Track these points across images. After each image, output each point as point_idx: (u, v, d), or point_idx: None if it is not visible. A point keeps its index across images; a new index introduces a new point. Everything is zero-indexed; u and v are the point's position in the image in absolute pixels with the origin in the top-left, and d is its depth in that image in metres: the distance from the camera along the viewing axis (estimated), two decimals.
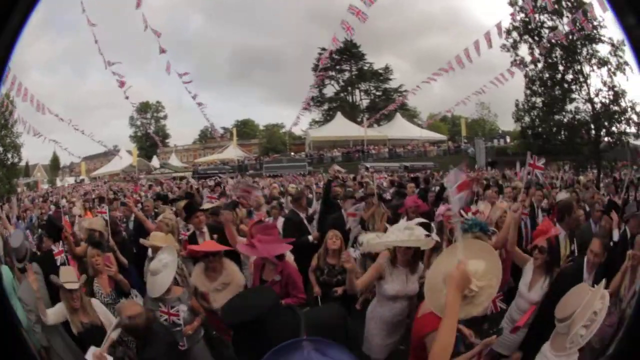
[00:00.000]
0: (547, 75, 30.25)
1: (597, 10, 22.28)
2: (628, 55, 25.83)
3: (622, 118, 27.51)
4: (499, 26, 23.83)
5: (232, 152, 44.47)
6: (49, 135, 27.79)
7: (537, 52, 29.46)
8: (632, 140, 28.18)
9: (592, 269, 5.21)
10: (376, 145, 43.14)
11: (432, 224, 6.40)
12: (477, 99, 37.00)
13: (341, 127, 44.90)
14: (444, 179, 17.20)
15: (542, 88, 30.63)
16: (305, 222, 9.85)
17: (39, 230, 12.06)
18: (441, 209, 7.61)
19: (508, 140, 42.89)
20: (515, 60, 30.06)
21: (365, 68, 52.91)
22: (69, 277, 6.03)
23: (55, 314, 6.02)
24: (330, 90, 53.37)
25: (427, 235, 5.52)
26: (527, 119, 31.75)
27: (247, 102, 60.22)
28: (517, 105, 31.81)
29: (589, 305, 3.39)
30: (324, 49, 31.95)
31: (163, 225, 8.38)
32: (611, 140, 28.13)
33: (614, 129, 27.96)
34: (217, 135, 43.82)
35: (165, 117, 52.32)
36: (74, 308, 5.82)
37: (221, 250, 6.61)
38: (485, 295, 3.70)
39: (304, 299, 6.52)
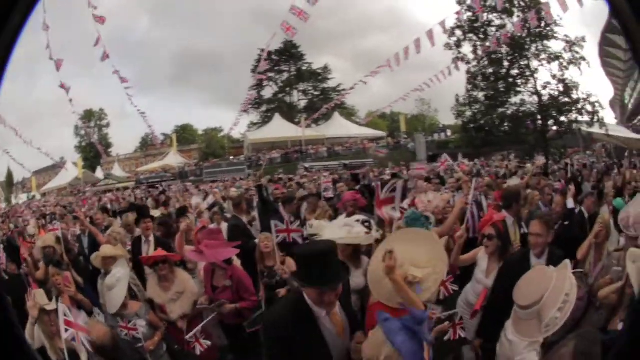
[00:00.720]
0: (490, 70, 31.44)
1: (557, 10, 22.85)
2: (585, 51, 27.68)
3: (574, 108, 28.90)
4: (442, 25, 24.23)
5: (173, 159, 44.39)
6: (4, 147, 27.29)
7: (480, 49, 30.30)
8: (584, 128, 29.88)
9: (540, 251, 5.26)
10: (315, 145, 43.45)
11: (372, 220, 6.40)
12: (418, 95, 37.80)
13: (279, 129, 45.02)
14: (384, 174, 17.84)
15: (485, 83, 31.69)
16: (248, 226, 9.85)
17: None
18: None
19: (449, 133, 44.13)
20: (457, 57, 30.94)
21: (304, 68, 53.32)
22: (43, 299, 5.58)
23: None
24: (269, 92, 53.47)
25: (367, 233, 5.54)
26: (468, 113, 32.98)
27: (187, 106, 59.97)
28: (457, 100, 33.21)
29: (558, 289, 3.42)
30: (263, 50, 31.79)
31: (112, 239, 8.27)
32: (560, 129, 30.12)
33: (563, 118, 29.45)
34: (157, 142, 43.51)
35: (108, 125, 51.61)
36: (52, 333, 5.31)
37: (170, 258, 6.56)
38: (432, 281, 3.97)
39: (256, 301, 6.58)
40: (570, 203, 7.81)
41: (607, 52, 57.27)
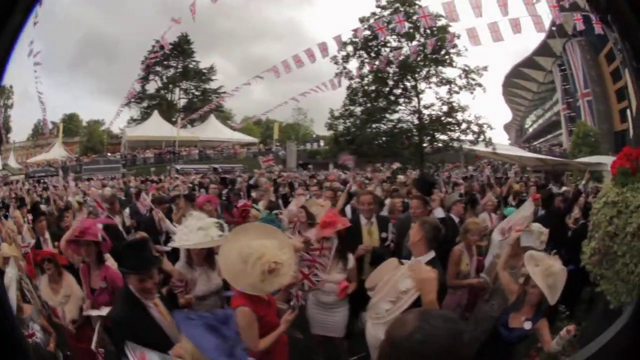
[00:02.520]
0: (372, 88, 32.51)
1: (467, 42, 24.06)
2: (483, 79, 29.32)
3: (457, 128, 31.20)
4: (338, 39, 24.72)
5: (57, 152, 42.02)
6: None
7: (367, 67, 31.18)
8: (467, 146, 32.47)
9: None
10: (188, 146, 42.96)
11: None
12: (295, 104, 38.36)
13: (156, 127, 44.23)
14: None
15: (365, 99, 32.65)
16: (120, 227, 9.57)
17: None
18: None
19: (322, 143, 44.52)
20: (341, 72, 31.88)
21: (191, 66, 52.22)
22: None
23: None
24: (153, 87, 52.07)
25: (220, 235, 5.51)
26: (341, 127, 34.01)
27: (76, 94, 56.04)
28: (331, 113, 33.96)
29: (392, 283, 3.62)
30: (157, 42, 31.09)
31: (7, 236, 7.91)
32: (436, 146, 32.59)
33: (444, 137, 31.77)
34: (46, 130, 40.86)
35: (12, 106, 47.49)
36: None
37: (56, 258, 6.30)
38: (287, 267, 4.22)
39: None
40: (439, 212, 8.26)
41: (515, 83, 61.62)
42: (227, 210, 8.66)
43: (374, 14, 31.41)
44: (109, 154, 43.17)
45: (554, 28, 41.30)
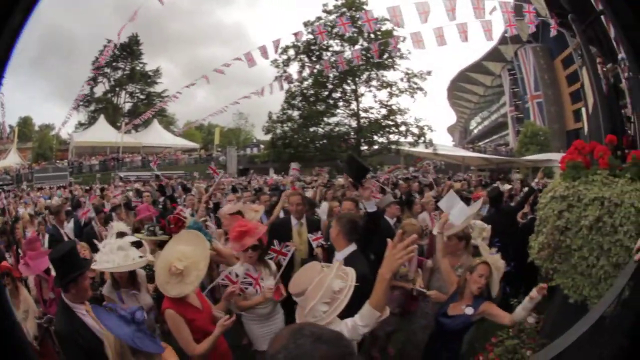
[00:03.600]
0: (312, 92, 33.06)
1: (410, 46, 24.08)
2: (429, 83, 29.69)
3: (396, 130, 30.91)
4: (277, 43, 24.59)
5: (12, 159, 40.83)
6: None
7: (308, 71, 31.16)
8: (406, 148, 33.12)
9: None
10: (131, 152, 42.40)
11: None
12: (237, 109, 38.32)
13: (102, 132, 43.43)
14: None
15: (303, 103, 32.99)
16: (66, 236, 9.40)
17: None
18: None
19: (263, 148, 44.82)
20: (282, 75, 31.87)
21: (138, 68, 52.04)
22: None
23: None
24: (102, 90, 51.68)
25: (141, 256, 5.41)
26: (279, 130, 34.63)
27: (34, 95, 54.21)
28: (270, 117, 34.57)
29: (322, 285, 3.54)
30: (110, 42, 30.48)
31: None
32: (375, 148, 33.37)
33: (383, 139, 31.40)
34: (5, 134, 39.54)
35: None
36: None
37: (12, 271, 5.89)
38: (194, 276, 4.38)
39: None
40: (371, 206, 8.15)
41: (461, 87, 62.83)
42: (162, 219, 8.55)
43: (319, 18, 31.68)
44: (57, 162, 41.86)
45: (507, 35, 42.53)
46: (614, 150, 5.49)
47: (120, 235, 6.72)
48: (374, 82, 32.53)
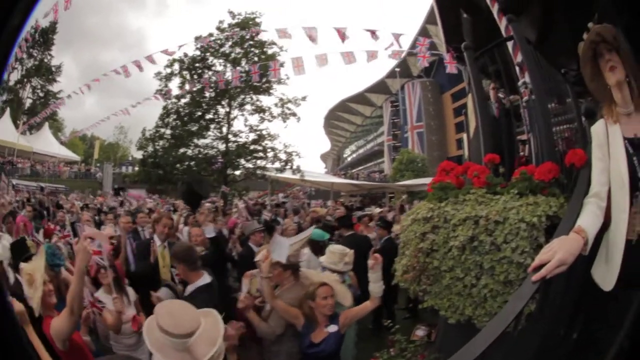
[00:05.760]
0: (187, 110, 32.10)
1: (290, 71, 23.83)
2: (299, 109, 29.77)
3: (265, 156, 31.94)
4: (166, 52, 23.78)
5: None
6: None
7: (187, 86, 30.53)
8: (273, 174, 32.63)
9: None
10: (25, 157, 39.95)
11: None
12: (119, 122, 36.96)
13: (4, 130, 39.24)
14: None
15: (177, 121, 32.19)
16: None
17: None
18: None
19: (137, 167, 41.90)
20: (161, 90, 31.10)
21: (46, 61, 49.20)
22: None
23: None
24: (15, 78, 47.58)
25: None
26: (150, 148, 32.83)
27: None
28: (143, 133, 33.07)
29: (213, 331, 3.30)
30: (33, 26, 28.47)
31: None
32: (239, 173, 32.83)
33: (250, 164, 32.19)
34: None
35: None
36: None
37: None
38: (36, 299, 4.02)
39: None
40: (209, 231, 7.95)
41: (339, 116, 63.81)
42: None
43: (210, 34, 30.84)
44: None
45: (397, 69, 43.57)
46: (496, 169, 5.54)
47: None
48: (248, 107, 32.08)
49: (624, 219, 2.67)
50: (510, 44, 6.91)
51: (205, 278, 4.90)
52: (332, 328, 4.67)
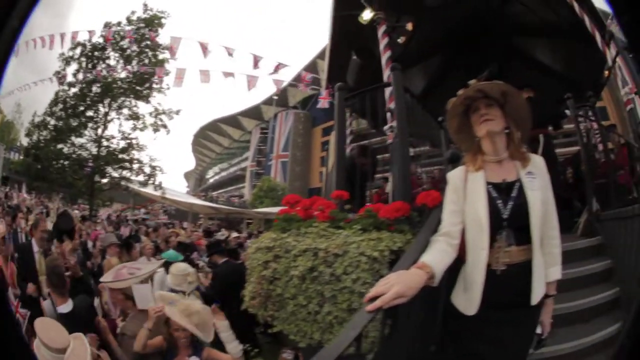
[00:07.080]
0: (73, 102, 30.10)
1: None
2: (171, 122, 28.83)
3: (130, 167, 30.08)
4: (91, 34, 22.81)
5: None
6: None
7: (81, 75, 29.11)
8: (136, 187, 30.95)
9: None
10: None
11: None
12: (19, 98, 33.97)
13: None
14: None
15: (62, 112, 30.27)
16: None
17: None
18: None
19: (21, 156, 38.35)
20: (59, 72, 29.25)
21: None
22: None
23: None
24: None
25: None
26: (35, 137, 30.84)
27: None
28: (33, 118, 30.84)
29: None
30: None
31: None
32: (106, 181, 30.38)
33: (115, 174, 30.16)
34: None
35: None
36: None
37: None
38: None
39: None
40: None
41: (208, 135, 62.86)
42: None
43: (119, 23, 29.61)
44: None
45: (275, 97, 43.89)
46: (343, 205, 5.75)
47: None
48: (126, 110, 30.29)
49: (483, 254, 2.88)
50: (388, 90, 7.14)
51: (69, 305, 4.85)
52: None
